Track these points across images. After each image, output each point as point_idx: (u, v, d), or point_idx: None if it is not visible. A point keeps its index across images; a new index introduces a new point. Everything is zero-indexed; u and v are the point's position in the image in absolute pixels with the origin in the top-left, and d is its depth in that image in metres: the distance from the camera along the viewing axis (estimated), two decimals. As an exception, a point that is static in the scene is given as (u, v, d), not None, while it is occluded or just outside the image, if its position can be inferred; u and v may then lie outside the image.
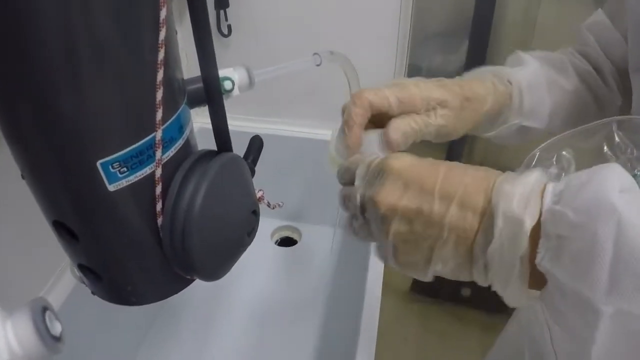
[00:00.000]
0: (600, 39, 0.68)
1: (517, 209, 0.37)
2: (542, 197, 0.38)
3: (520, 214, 0.37)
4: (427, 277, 0.44)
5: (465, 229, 0.40)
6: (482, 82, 0.63)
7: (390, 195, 0.43)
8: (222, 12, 1.10)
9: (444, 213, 0.41)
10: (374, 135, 0.56)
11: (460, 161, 0.97)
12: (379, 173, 0.45)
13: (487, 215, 0.39)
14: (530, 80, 0.66)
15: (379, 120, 0.57)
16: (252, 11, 1.11)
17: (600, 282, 0.33)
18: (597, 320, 0.33)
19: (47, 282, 0.81)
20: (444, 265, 0.42)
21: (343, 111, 0.59)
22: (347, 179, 0.51)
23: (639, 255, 0.32)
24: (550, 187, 0.38)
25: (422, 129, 0.56)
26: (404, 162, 0.45)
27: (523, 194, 0.38)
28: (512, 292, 0.39)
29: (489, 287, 0.42)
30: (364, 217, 0.47)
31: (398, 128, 0.54)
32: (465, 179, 0.42)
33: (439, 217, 0.41)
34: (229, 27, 1.12)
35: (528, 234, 0.37)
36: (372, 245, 0.49)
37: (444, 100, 0.56)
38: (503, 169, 0.51)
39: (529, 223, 0.37)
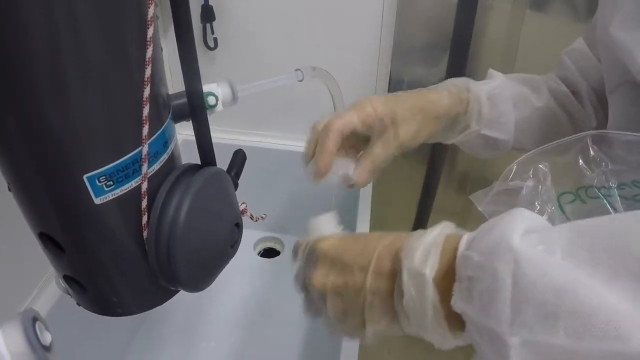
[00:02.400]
0: (578, 65, 0.72)
1: (417, 264, 0.41)
2: (442, 248, 0.42)
3: (420, 268, 0.41)
4: (368, 339, 0.48)
5: (383, 291, 0.45)
6: (438, 91, 0.69)
7: (320, 276, 0.49)
8: (208, 25, 1.10)
9: (363, 282, 0.46)
10: (346, 160, 0.65)
11: (441, 175, 1.01)
12: (311, 254, 0.52)
13: (398, 275, 0.43)
14: (491, 92, 0.70)
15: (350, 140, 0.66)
16: (238, 24, 1.11)
17: (503, 315, 0.35)
18: (508, 352, 0.35)
19: (32, 291, 0.81)
20: (378, 325, 0.46)
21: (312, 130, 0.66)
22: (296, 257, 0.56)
23: (535, 287, 0.34)
24: (465, 236, 0.41)
25: (385, 154, 0.64)
26: (329, 243, 0.51)
27: (423, 250, 0.42)
28: (435, 336, 0.42)
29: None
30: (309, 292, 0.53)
31: (364, 169, 0.64)
32: (378, 247, 0.47)
33: (361, 286, 0.46)
34: (215, 40, 1.13)
35: (431, 283, 0.40)
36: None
37: (392, 113, 0.64)
38: (487, 181, 0.53)
39: (429, 273, 0.40)
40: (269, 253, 1.36)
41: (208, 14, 1.08)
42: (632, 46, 0.49)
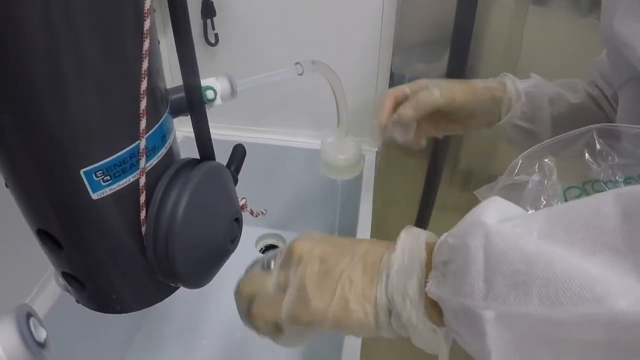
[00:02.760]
0: (602, 73, 0.76)
1: (416, 230, 0.45)
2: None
3: (418, 232, 0.44)
4: (328, 318, 0.44)
5: (371, 256, 0.45)
6: (476, 80, 0.80)
7: (306, 244, 0.47)
8: (209, 21, 1.09)
9: (356, 247, 0.46)
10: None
11: (443, 171, 1.06)
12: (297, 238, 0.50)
13: (397, 241, 0.44)
14: (528, 88, 0.77)
15: None
16: (239, 19, 1.11)
17: (477, 289, 0.35)
18: (484, 328, 0.35)
19: (32, 290, 0.81)
20: (351, 286, 0.44)
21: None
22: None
23: (506, 257, 0.34)
24: (446, 232, 0.42)
25: (427, 98, 0.74)
26: (319, 233, 0.50)
27: (420, 230, 0.45)
28: (412, 317, 0.41)
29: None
30: (267, 267, 0.50)
31: (405, 106, 0.75)
32: (370, 240, 0.48)
33: (352, 249, 0.46)
34: (216, 35, 1.12)
35: (424, 243, 0.42)
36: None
37: (435, 81, 0.77)
38: (491, 177, 0.53)
39: (424, 237, 0.43)
40: (271, 250, 1.35)
41: (209, 10, 1.07)
42: (634, 41, 0.49)
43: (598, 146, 0.50)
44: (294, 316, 0.45)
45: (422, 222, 1.33)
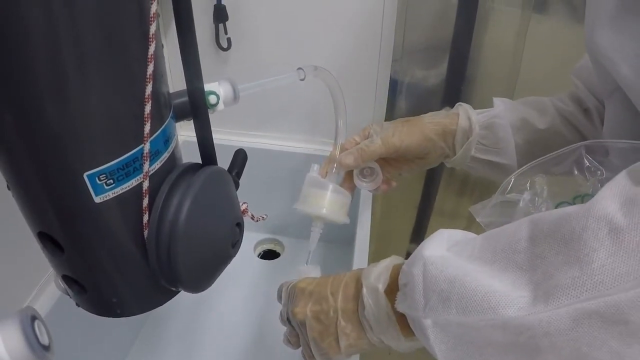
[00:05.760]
0: (585, 81, 0.75)
1: (373, 281, 0.55)
2: (392, 271, 0.55)
3: (375, 284, 0.55)
4: (343, 355, 0.59)
5: (350, 309, 0.58)
6: (431, 113, 0.83)
7: (301, 308, 0.62)
8: (221, 25, 1.06)
9: (335, 303, 0.59)
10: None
11: (437, 190, 1.08)
12: (292, 292, 0.65)
13: (360, 293, 0.56)
14: (487, 120, 0.77)
15: None
16: (253, 23, 1.08)
17: (419, 304, 0.46)
18: (426, 332, 0.46)
19: (31, 292, 0.81)
20: (348, 338, 0.58)
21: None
22: (279, 298, 0.70)
23: (436, 280, 0.45)
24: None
25: (365, 149, 0.79)
26: (306, 282, 0.65)
27: (377, 272, 0.56)
28: (392, 340, 0.54)
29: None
30: (292, 326, 0.65)
31: (347, 153, 0.80)
32: (345, 278, 0.61)
33: (333, 307, 0.59)
34: (229, 40, 1.09)
35: (383, 294, 0.54)
36: (299, 352, 0.67)
37: (381, 123, 0.82)
38: (487, 183, 0.55)
39: (381, 287, 0.54)
40: (269, 255, 1.35)
41: (221, 14, 1.05)
42: (612, 53, 0.49)
43: (587, 162, 0.52)
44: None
45: (420, 228, 1.33)
